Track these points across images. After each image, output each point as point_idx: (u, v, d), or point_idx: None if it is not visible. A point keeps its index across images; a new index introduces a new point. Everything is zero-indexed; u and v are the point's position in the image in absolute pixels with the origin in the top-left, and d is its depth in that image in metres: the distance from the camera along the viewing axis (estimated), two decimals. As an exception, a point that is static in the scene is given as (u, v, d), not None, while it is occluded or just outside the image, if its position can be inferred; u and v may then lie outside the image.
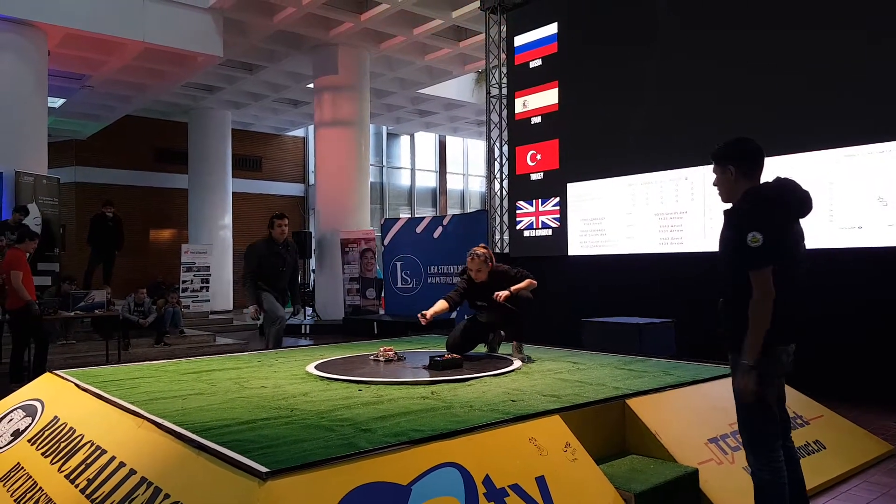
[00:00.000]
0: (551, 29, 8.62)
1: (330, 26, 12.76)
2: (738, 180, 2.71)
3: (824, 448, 3.84)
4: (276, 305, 6.58)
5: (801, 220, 2.73)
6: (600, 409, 3.49)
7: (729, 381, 4.12)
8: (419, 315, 4.87)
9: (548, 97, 8.64)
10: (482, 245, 5.19)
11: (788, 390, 4.25)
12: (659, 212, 7.39)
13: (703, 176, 6.92)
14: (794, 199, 2.69)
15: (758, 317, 2.55)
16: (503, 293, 4.82)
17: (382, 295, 12.99)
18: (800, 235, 2.74)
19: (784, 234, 2.61)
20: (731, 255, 2.65)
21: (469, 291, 5.07)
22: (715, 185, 2.82)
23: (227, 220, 17.91)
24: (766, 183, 2.72)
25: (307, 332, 12.73)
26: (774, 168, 3.07)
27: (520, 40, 9.06)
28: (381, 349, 5.06)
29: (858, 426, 4.32)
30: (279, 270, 6.56)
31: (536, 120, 8.79)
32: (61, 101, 14.89)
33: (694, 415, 3.70)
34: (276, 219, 6.62)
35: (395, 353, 5.01)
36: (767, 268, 2.53)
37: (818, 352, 5.48)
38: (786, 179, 2.75)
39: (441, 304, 4.98)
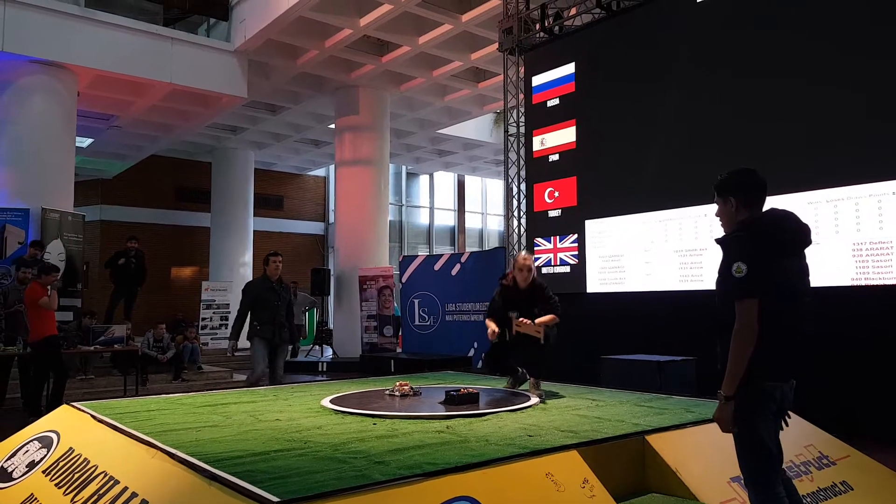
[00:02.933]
0: (569, 69, 8.72)
1: (352, 68, 13.03)
2: (740, 211, 2.67)
3: (851, 489, 3.72)
4: (259, 359, 6.57)
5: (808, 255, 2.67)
6: (619, 446, 3.42)
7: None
8: (489, 333, 5.04)
9: (566, 135, 8.70)
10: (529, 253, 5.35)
11: (815, 430, 4.16)
12: (678, 249, 7.33)
13: (723, 213, 6.87)
14: (788, 231, 2.62)
15: (736, 348, 2.49)
16: (526, 322, 4.81)
17: (400, 333, 12.94)
18: (801, 269, 2.65)
19: (774, 266, 2.53)
20: (721, 285, 2.61)
21: (504, 302, 5.11)
22: (717, 216, 2.78)
23: (248, 258, 18.06)
24: (761, 213, 2.66)
25: (324, 369, 12.68)
26: (790, 204, 3.04)
27: (537, 80, 9.17)
28: (397, 384, 5.03)
29: (886, 467, 4.18)
30: (274, 305, 6.71)
31: (554, 158, 8.83)
32: (89, 140, 15.26)
33: (716, 453, 3.59)
34: (271, 256, 6.88)
35: (411, 388, 4.97)
36: (751, 299, 2.47)
37: (844, 390, 5.36)
38: (781, 210, 2.67)
39: (492, 323, 5.10)
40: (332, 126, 15.06)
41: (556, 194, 8.77)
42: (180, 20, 12.57)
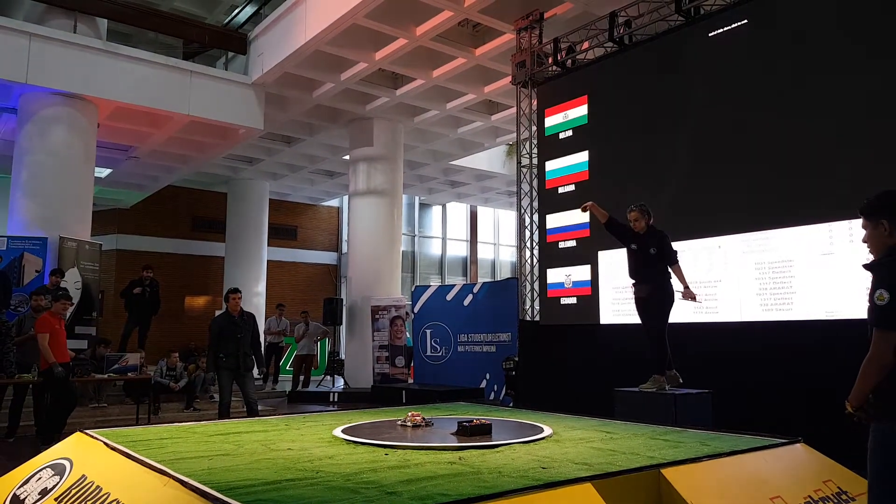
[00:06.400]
0: (581, 101, 8.78)
1: (366, 101, 13.22)
2: (893, 235, 2.54)
3: (874, 527, 3.63)
4: (226, 390, 7.47)
5: None
6: (634, 479, 3.37)
7: (769, 452, 3.98)
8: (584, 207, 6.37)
9: (579, 166, 8.73)
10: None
11: (833, 465, 4.09)
12: (692, 280, 7.26)
13: (737, 244, 6.86)
14: None
15: (864, 376, 2.42)
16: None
17: (412, 363, 12.88)
18: None
19: None
20: (870, 311, 2.47)
21: (627, 229, 6.27)
22: (864, 241, 2.65)
23: (261, 287, 18.15)
24: None
25: (335, 399, 12.63)
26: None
27: (550, 112, 9.24)
28: (409, 414, 5.01)
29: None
30: (236, 337, 7.44)
31: (567, 189, 8.85)
32: (108, 171, 15.50)
33: (732, 487, 3.54)
34: (231, 293, 7.66)
35: (423, 419, 4.95)
36: (889, 332, 2.36)
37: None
38: None
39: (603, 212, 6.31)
40: (347, 157, 15.24)
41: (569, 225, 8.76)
42: (199, 54, 12.88)
